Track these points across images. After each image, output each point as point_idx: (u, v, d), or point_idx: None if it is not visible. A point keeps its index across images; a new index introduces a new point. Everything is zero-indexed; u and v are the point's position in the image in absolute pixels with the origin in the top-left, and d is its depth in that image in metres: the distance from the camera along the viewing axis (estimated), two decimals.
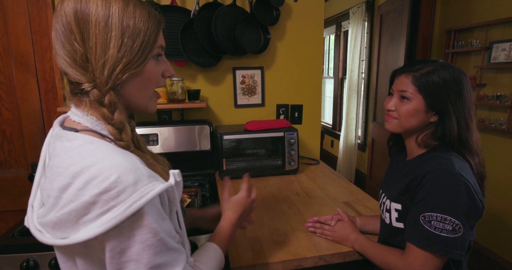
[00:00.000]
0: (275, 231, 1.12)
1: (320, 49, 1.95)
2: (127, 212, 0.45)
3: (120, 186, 0.46)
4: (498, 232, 2.14)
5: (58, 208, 0.47)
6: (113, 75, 0.52)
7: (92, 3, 0.51)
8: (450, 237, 0.72)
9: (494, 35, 2.11)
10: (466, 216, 0.73)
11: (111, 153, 0.49)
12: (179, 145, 1.64)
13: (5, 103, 1.64)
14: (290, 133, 1.65)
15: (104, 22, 0.51)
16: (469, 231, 0.75)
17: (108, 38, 0.51)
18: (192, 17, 1.64)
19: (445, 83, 0.81)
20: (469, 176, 0.77)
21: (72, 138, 0.52)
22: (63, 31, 0.51)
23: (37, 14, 1.60)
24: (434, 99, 0.81)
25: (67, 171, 0.47)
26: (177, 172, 0.55)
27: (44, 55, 1.63)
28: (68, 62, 0.53)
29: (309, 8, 1.87)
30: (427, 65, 0.84)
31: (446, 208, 0.73)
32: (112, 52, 0.51)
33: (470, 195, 0.74)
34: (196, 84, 1.82)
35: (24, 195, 1.71)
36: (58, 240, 0.47)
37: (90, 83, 0.53)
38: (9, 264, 1.06)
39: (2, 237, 1.11)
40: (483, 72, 2.20)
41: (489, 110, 2.17)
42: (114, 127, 0.54)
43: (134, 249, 0.47)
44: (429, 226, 0.74)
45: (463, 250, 0.74)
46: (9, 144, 1.68)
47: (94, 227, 0.45)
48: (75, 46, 0.51)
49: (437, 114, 0.83)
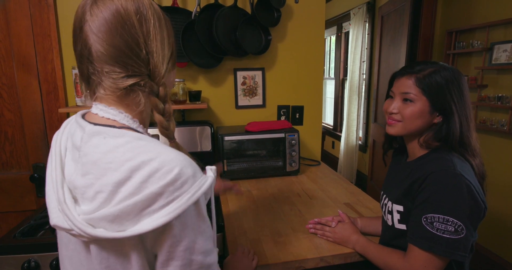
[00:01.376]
0: (276, 232, 1.12)
1: (321, 50, 1.95)
2: (190, 201, 0.49)
3: (183, 177, 0.49)
4: (499, 233, 2.14)
5: (116, 202, 0.48)
6: (168, 69, 0.59)
7: (147, 5, 0.56)
8: (452, 239, 0.72)
9: (495, 36, 2.11)
10: (469, 217, 0.73)
11: (163, 148, 0.53)
12: None
13: (7, 104, 1.65)
14: (291, 134, 1.65)
15: (159, 23, 0.57)
16: (472, 233, 0.75)
17: (163, 37, 0.58)
18: (193, 18, 1.64)
19: (447, 83, 0.81)
20: (471, 177, 0.77)
21: (117, 134, 0.53)
22: (123, 24, 0.53)
23: (39, 15, 1.60)
24: (438, 99, 0.81)
25: (124, 166, 0.49)
26: (214, 168, 0.59)
27: (46, 56, 1.64)
28: (128, 54, 0.54)
29: (310, 9, 1.87)
30: (427, 66, 0.84)
31: (448, 210, 0.73)
32: (167, 49, 0.59)
33: (472, 196, 0.73)
34: (197, 85, 1.82)
35: (26, 196, 1.71)
36: (115, 233, 0.48)
37: (147, 75, 0.57)
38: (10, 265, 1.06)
39: (4, 238, 1.11)
40: (484, 73, 2.19)
41: (490, 111, 2.17)
42: (164, 116, 0.58)
43: (190, 237, 0.51)
44: (431, 228, 0.74)
45: (465, 252, 0.73)
46: (10, 145, 1.68)
47: (159, 217, 0.48)
48: (138, 40, 0.54)
49: (441, 114, 0.83)
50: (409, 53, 2.71)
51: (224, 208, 1.34)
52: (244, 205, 1.38)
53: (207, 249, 0.54)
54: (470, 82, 2.29)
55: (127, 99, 0.58)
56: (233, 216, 1.26)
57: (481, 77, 2.20)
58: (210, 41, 1.69)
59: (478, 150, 0.83)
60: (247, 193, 1.50)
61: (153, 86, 0.57)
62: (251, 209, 1.32)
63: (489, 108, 2.17)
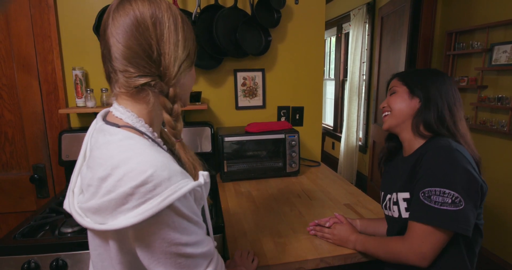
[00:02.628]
0: (276, 233, 1.12)
1: (321, 51, 1.95)
2: (162, 205, 0.49)
3: (156, 180, 0.50)
4: (500, 234, 2.14)
5: (99, 196, 0.51)
6: (180, 70, 0.60)
7: (163, 9, 0.59)
8: (451, 210, 0.72)
9: (495, 37, 2.11)
10: (465, 189, 0.73)
11: (147, 149, 0.54)
12: None
13: (7, 105, 1.65)
14: (291, 135, 1.65)
15: (174, 26, 0.60)
16: (472, 208, 0.74)
17: (178, 39, 0.60)
18: (194, 19, 1.65)
19: (424, 72, 0.94)
20: (467, 154, 0.81)
21: (114, 132, 0.57)
22: (137, 27, 0.56)
23: (39, 16, 1.60)
24: (414, 84, 0.91)
25: (107, 163, 0.51)
26: (206, 173, 0.59)
27: (46, 57, 1.64)
28: (140, 55, 0.57)
29: (310, 10, 1.88)
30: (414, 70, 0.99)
31: (444, 181, 0.74)
32: (181, 51, 0.60)
33: (466, 169, 0.75)
34: (197, 86, 1.82)
35: (26, 197, 1.71)
36: (96, 225, 0.51)
37: (157, 76, 0.59)
38: (10, 266, 1.06)
39: (4, 238, 1.11)
40: (484, 74, 2.19)
41: (490, 112, 2.17)
42: (172, 116, 0.61)
43: (171, 235, 0.52)
44: (429, 201, 0.74)
45: (467, 225, 0.72)
46: (10, 145, 1.68)
47: (131, 216, 0.49)
48: (151, 42, 0.57)
49: (419, 98, 0.90)
50: (409, 54, 2.71)
51: (224, 208, 1.34)
52: (244, 206, 1.37)
53: (191, 242, 0.54)
54: (470, 83, 2.29)
55: (138, 97, 0.60)
56: (233, 217, 1.26)
57: (481, 78, 2.20)
58: (210, 42, 1.69)
59: (469, 141, 0.88)
60: (247, 194, 1.50)
61: (163, 86, 0.59)
62: (251, 210, 1.32)
63: (489, 109, 2.17)
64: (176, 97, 0.61)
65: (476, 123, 2.23)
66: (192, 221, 0.54)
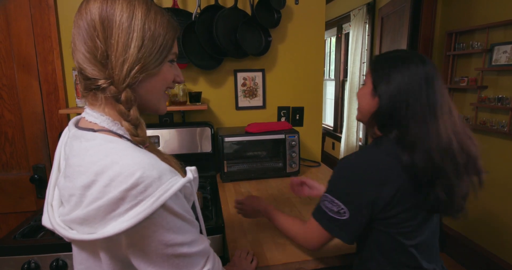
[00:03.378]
0: (276, 234, 1.12)
1: (321, 51, 1.95)
2: (155, 205, 0.48)
3: (147, 180, 0.48)
4: (500, 234, 2.14)
5: (84, 205, 0.49)
6: (131, 73, 0.55)
7: (117, 5, 0.54)
8: (333, 217, 0.81)
9: (495, 37, 2.11)
10: (352, 202, 0.79)
11: (130, 151, 0.52)
12: (180, 147, 1.64)
13: (7, 105, 1.65)
14: (291, 135, 1.65)
15: (127, 23, 0.54)
16: (357, 220, 0.79)
17: (130, 38, 0.54)
18: (194, 19, 1.65)
19: (393, 60, 0.82)
20: (372, 167, 0.78)
21: (90, 138, 0.54)
22: (86, 28, 0.54)
23: (40, 16, 1.61)
24: (379, 78, 0.81)
25: (90, 170, 0.49)
26: (194, 168, 0.57)
27: (46, 57, 1.64)
28: (88, 57, 0.54)
29: (310, 11, 1.88)
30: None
31: (334, 191, 0.82)
32: (133, 51, 0.54)
33: (353, 182, 0.79)
34: (198, 86, 1.82)
35: (26, 197, 1.71)
36: (85, 235, 0.49)
37: (108, 80, 0.55)
38: (10, 266, 1.06)
39: (4, 239, 1.11)
40: (484, 74, 2.19)
41: (490, 113, 2.17)
42: (130, 123, 0.57)
43: (165, 235, 0.50)
44: (322, 204, 0.84)
45: (348, 234, 0.81)
46: (11, 146, 1.68)
47: (123, 221, 0.47)
48: (97, 43, 0.54)
49: (379, 98, 0.81)
50: None
51: (225, 209, 1.34)
52: None
53: (186, 242, 0.53)
54: (470, 83, 2.29)
55: (96, 102, 0.58)
56: (233, 217, 1.26)
57: (481, 78, 2.20)
58: (210, 42, 1.69)
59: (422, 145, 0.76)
60: (247, 194, 1.50)
61: (112, 90, 0.55)
62: None
63: (489, 109, 2.17)
64: (130, 102, 0.56)
65: (476, 124, 2.23)
66: (186, 219, 0.53)
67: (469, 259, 2.34)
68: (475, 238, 2.33)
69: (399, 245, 0.82)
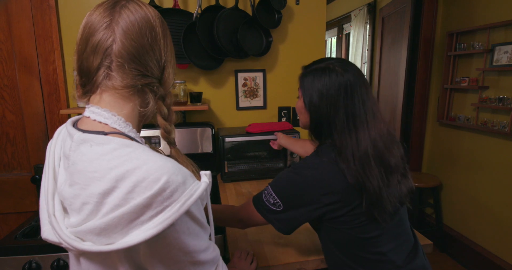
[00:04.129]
0: (276, 234, 1.12)
1: (322, 51, 1.95)
2: (181, 210, 0.46)
3: (172, 186, 0.46)
4: (501, 235, 2.13)
5: (103, 214, 0.46)
6: (171, 77, 0.62)
7: (152, 14, 0.58)
8: (268, 207, 0.87)
9: (496, 38, 2.11)
10: (286, 200, 0.84)
11: (151, 155, 0.49)
12: (181, 147, 1.64)
13: (9, 105, 1.65)
14: (292, 135, 1.65)
15: (169, 35, 0.62)
16: (296, 214, 0.84)
17: (168, 45, 0.61)
18: (194, 20, 1.65)
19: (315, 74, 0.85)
20: (316, 178, 0.81)
21: (103, 141, 0.50)
22: (151, 29, 0.57)
23: (41, 17, 1.61)
24: (306, 95, 0.86)
25: (108, 175, 0.46)
26: (209, 173, 0.56)
27: (47, 57, 1.65)
28: (150, 55, 0.57)
29: (311, 11, 1.88)
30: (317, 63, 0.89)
31: (276, 188, 0.87)
32: (170, 56, 0.62)
33: (293, 185, 0.84)
34: (198, 86, 1.83)
35: (27, 197, 1.72)
36: (103, 246, 0.46)
37: (157, 80, 0.59)
38: (11, 266, 1.06)
39: (5, 239, 1.11)
40: (485, 74, 2.19)
41: (491, 113, 2.16)
42: (167, 121, 0.61)
43: (185, 242, 0.49)
44: (263, 194, 0.89)
45: (282, 224, 0.86)
46: (12, 146, 1.69)
47: (148, 228, 0.45)
48: (160, 46, 0.59)
49: (309, 113, 0.87)
50: (410, 54, 2.71)
51: None
52: None
53: (202, 248, 0.53)
54: (471, 83, 2.28)
55: (133, 98, 0.57)
56: None
57: (482, 79, 2.19)
58: (211, 42, 1.69)
59: (345, 153, 0.79)
60: (248, 194, 1.50)
61: (161, 91, 0.59)
62: None
63: (490, 109, 2.16)
64: (171, 103, 0.61)
65: (477, 124, 2.23)
66: (202, 225, 0.53)
67: (470, 260, 2.33)
68: (476, 239, 2.33)
69: (354, 239, 0.83)
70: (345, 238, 0.83)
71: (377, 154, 0.79)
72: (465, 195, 2.41)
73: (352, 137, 0.80)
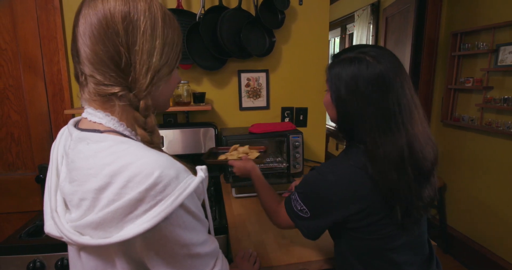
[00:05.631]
0: (279, 234, 1.12)
1: (325, 51, 1.95)
2: (174, 204, 0.47)
3: (165, 180, 0.47)
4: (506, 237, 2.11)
5: (99, 209, 0.47)
6: (154, 81, 0.54)
7: (140, 10, 0.52)
8: (296, 213, 0.84)
9: (501, 38, 2.09)
10: (313, 208, 0.81)
11: (145, 151, 0.50)
12: (184, 147, 1.65)
13: (14, 105, 1.67)
14: (295, 136, 1.65)
15: (151, 30, 0.53)
16: (317, 222, 0.81)
17: (153, 46, 0.53)
18: (198, 20, 1.65)
19: (339, 63, 0.77)
20: (341, 186, 0.76)
21: (99, 139, 0.52)
22: (106, 31, 0.50)
23: (46, 18, 1.62)
24: (334, 89, 0.77)
25: (103, 172, 0.47)
26: (204, 167, 0.55)
27: (52, 58, 1.66)
28: (107, 63, 0.51)
29: (314, 11, 1.87)
30: (344, 53, 0.79)
31: (300, 193, 0.84)
32: (156, 59, 0.54)
33: (321, 199, 0.79)
34: (202, 87, 1.83)
35: (31, 197, 1.73)
36: (100, 240, 0.47)
37: (126, 87, 0.53)
38: (16, 265, 1.07)
39: (9, 238, 1.12)
40: (490, 75, 2.17)
41: (496, 113, 2.15)
42: (146, 130, 0.56)
43: (181, 235, 0.49)
44: (291, 198, 0.87)
45: (308, 230, 0.83)
46: (17, 146, 1.70)
47: (142, 222, 0.46)
48: (120, 49, 0.51)
49: (336, 108, 0.80)
50: (414, 55, 2.70)
51: (228, 210, 1.34)
52: (248, 207, 1.37)
53: (199, 242, 0.53)
54: (475, 84, 2.27)
55: (106, 106, 0.56)
56: (237, 218, 1.26)
57: (486, 79, 2.18)
58: (214, 43, 1.69)
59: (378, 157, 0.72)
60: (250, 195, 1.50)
61: (131, 99, 0.53)
62: (254, 211, 1.32)
63: (494, 110, 2.15)
64: (148, 109, 0.55)
65: (482, 125, 2.21)
66: (199, 219, 0.53)
67: (474, 261, 2.32)
68: (480, 240, 2.31)
69: (374, 249, 0.79)
70: (365, 247, 0.79)
71: (412, 159, 0.72)
72: (469, 196, 2.39)
73: (386, 139, 0.71)
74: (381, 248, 0.79)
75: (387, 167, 0.71)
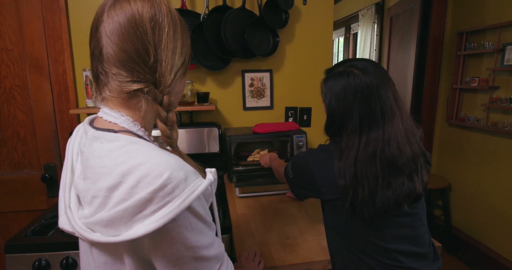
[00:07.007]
0: (283, 235, 1.12)
1: (329, 51, 1.94)
2: (182, 206, 0.48)
3: (174, 181, 0.48)
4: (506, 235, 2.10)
5: (110, 207, 0.48)
6: (176, 78, 0.58)
7: (164, 12, 0.56)
8: (287, 174, 1.02)
9: (507, 37, 2.07)
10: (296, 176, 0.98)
11: (156, 151, 0.52)
12: (188, 147, 1.65)
13: (20, 105, 1.68)
14: (299, 135, 1.65)
15: (173, 31, 0.57)
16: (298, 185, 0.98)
17: (175, 46, 0.58)
18: (202, 20, 1.66)
19: (331, 77, 0.89)
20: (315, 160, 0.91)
21: (113, 138, 0.53)
22: (136, 30, 0.53)
23: (51, 18, 1.63)
24: (328, 104, 0.89)
25: (115, 171, 0.48)
26: (214, 170, 0.57)
27: (57, 58, 1.67)
28: (136, 60, 0.54)
29: (318, 11, 1.87)
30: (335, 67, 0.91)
31: (290, 167, 1.01)
32: (177, 58, 0.58)
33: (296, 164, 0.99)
34: (205, 86, 1.83)
35: (37, 196, 1.74)
36: (110, 237, 0.49)
37: (152, 83, 0.56)
38: (21, 264, 1.08)
39: (15, 237, 1.13)
40: (496, 74, 2.15)
41: (502, 113, 2.13)
42: (167, 125, 0.58)
43: (188, 237, 0.50)
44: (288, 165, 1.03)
45: (293, 190, 1.01)
46: (23, 145, 1.72)
47: (150, 222, 0.47)
48: (148, 47, 0.54)
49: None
50: (419, 54, 2.68)
51: (232, 210, 1.34)
52: (252, 207, 1.38)
53: (205, 244, 0.53)
54: (481, 83, 2.25)
55: (129, 103, 0.58)
56: (240, 218, 1.27)
57: (492, 79, 2.16)
58: (218, 43, 1.70)
59: (347, 155, 0.82)
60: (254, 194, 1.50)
61: (157, 94, 0.56)
62: (258, 211, 1.32)
63: (501, 110, 2.13)
64: (171, 105, 0.58)
65: (488, 125, 2.19)
66: (206, 222, 0.53)
67: (479, 263, 2.30)
68: (486, 241, 2.29)
69: (360, 235, 0.84)
70: (351, 233, 0.86)
71: (385, 155, 0.79)
72: (474, 197, 2.37)
73: (362, 138, 0.81)
74: (364, 235, 0.84)
75: (353, 164, 0.80)
